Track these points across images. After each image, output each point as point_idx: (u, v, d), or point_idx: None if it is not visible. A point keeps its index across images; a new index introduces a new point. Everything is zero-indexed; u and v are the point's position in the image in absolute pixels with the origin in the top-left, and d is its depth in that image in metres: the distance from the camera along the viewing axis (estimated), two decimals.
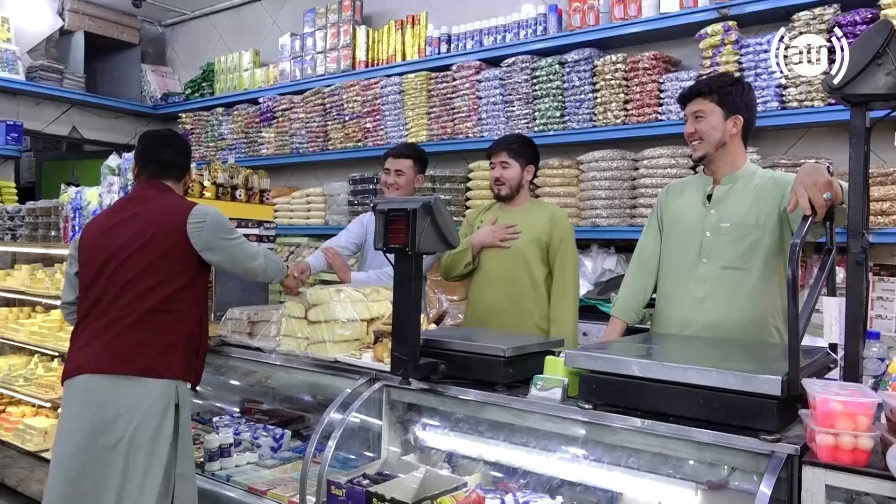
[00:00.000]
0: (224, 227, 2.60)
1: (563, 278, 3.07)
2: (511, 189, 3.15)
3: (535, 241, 3.08)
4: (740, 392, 1.67)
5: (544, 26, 4.20)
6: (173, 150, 2.71)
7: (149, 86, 6.78)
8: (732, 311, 2.40)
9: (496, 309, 3.08)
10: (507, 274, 3.09)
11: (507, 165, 3.14)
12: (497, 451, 2.23)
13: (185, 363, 2.49)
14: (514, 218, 3.16)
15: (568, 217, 3.91)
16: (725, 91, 2.45)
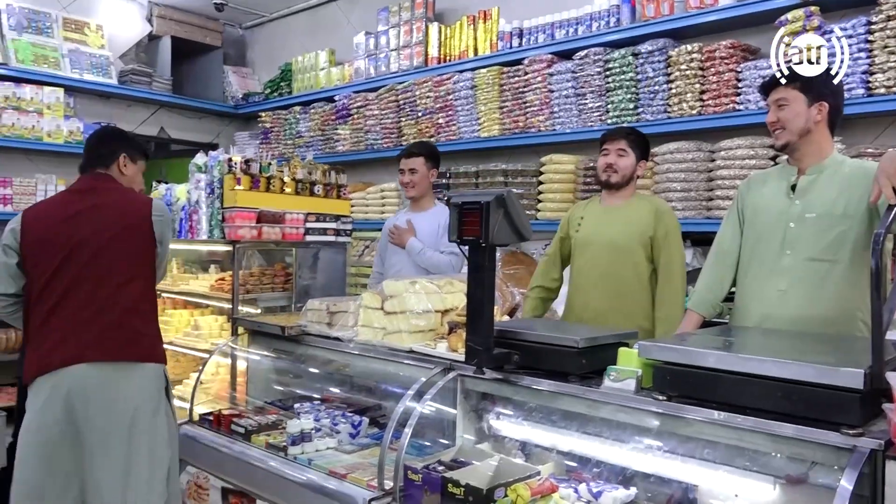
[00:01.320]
0: (170, 219, 2.87)
1: (669, 275, 2.97)
2: (622, 178, 3.07)
3: (639, 235, 2.99)
4: (821, 385, 1.64)
5: (617, 17, 4.15)
6: (104, 143, 2.85)
7: (230, 86, 7.03)
8: (816, 305, 2.34)
9: (594, 308, 3.01)
10: (607, 271, 3.02)
11: (624, 154, 3.07)
12: (570, 441, 2.25)
13: (163, 349, 2.75)
14: (617, 213, 3.08)
15: None
16: (808, 77, 2.38)
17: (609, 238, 3.05)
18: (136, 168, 2.89)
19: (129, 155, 2.84)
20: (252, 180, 3.75)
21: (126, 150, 2.83)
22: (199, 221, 3.73)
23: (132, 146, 2.90)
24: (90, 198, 2.71)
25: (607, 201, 3.16)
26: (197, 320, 4.15)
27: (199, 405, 3.34)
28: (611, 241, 3.04)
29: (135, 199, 2.76)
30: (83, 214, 2.64)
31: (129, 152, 2.84)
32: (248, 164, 3.76)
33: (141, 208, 2.71)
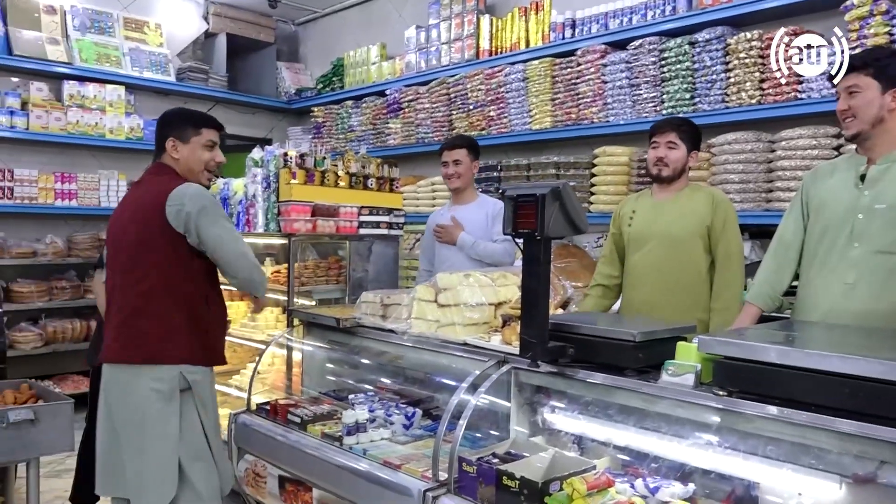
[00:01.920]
0: (201, 206, 2.49)
1: (727, 266, 2.91)
2: (674, 172, 3.01)
3: (696, 226, 2.94)
4: (889, 382, 1.59)
5: (673, 6, 4.08)
6: (157, 131, 2.70)
7: (283, 82, 7.14)
8: (884, 299, 2.26)
9: (651, 302, 2.97)
10: (663, 264, 2.97)
11: (675, 146, 3.00)
12: (626, 436, 2.23)
13: (190, 345, 2.53)
14: (671, 204, 3.03)
15: None
16: (883, 63, 2.29)
17: (665, 231, 2.99)
18: (191, 147, 2.62)
19: (178, 136, 2.61)
20: (307, 174, 3.80)
21: (173, 133, 2.62)
22: (255, 215, 3.81)
23: (181, 124, 2.64)
24: (133, 193, 2.72)
25: (659, 194, 3.09)
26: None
27: (257, 395, 3.41)
28: (667, 234, 2.98)
29: (158, 190, 2.53)
30: (124, 211, 2.65)
31: (176, 134, 2.62)
32: (303, 159, 3.82)
33: (154, 200, 2.50)
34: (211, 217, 2.51)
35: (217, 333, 2.68)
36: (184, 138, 2.62)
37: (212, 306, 2.64)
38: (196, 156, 2.64)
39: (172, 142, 2.62)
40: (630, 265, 3.12)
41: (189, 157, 2.63)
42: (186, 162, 2.63)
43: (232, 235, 2.57)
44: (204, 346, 2.59)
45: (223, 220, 2.56)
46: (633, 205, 3.18)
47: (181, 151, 2.62)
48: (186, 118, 2.68)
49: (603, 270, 3.25)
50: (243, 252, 2.59)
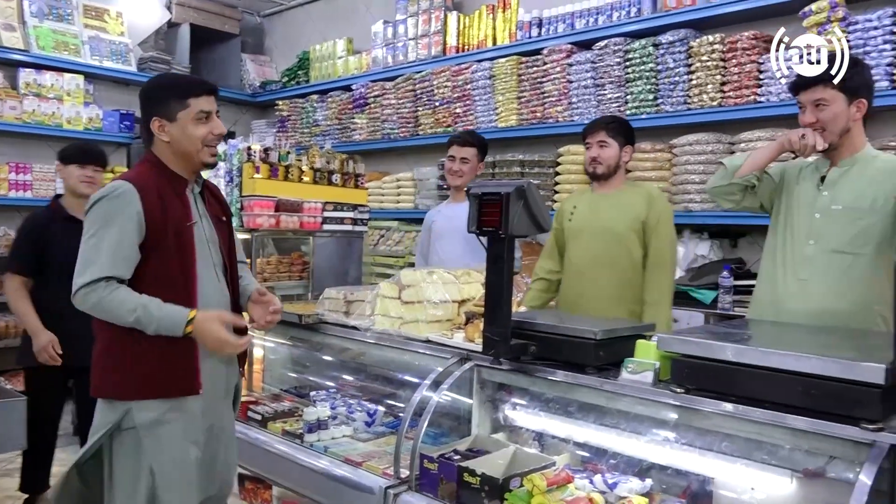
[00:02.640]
0: (90, 210, 2.09)
1: (659, 261, 3.01)
2: (608, 169, 3.10)
3: (632, 221, 3.02)
4: (841, 380, 1.63)
5: (638, 7, 4.12)
6: (141, 111, 2.25)
7: (248, 74, 7.05)
8: (837, 298, 2.32)
9: (588, 295, 3.04)
10: (600, 257, 3.05)
11: (606, 145, 3.09)
12: (586, 433, 2.26)
13: (123, 377, 2.09)
14: (610, 200, 3.11)
15: None
16: (847, 75, 2.31)
17: (603, 224, 3.08)
18: (180, 125, 2.15)
19: (162, 114, 2.16)
20: (271, 169, 3.77)
21: (157, 111, 2.17)
22: None
23: (163, 98, 2.18)
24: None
25: (599, 190, 3.19)
26: None
27: None
28: (605, 228, 3.07)
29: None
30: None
31: (160, 111, 2.16)
32: (267, 153, 3.78)
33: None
34: (87, 226, 2.09)
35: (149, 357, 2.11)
36: (170, 115, 2.16)
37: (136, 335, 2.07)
38: (188, 134, 2.16)
39: (158, 122, 2.16)
40: (568, 259, 3.19)
41: (180, 137, 2.16)
42: (179, 144, 2.17)
43: (82, 250, 2.08)
44: (139, 380, 2.10)
45: (101, 230, 2.06)
46: (574, 201, 3.27)
47: (171, 132, 2.16)
48: (167, 89, 2.20)
49: (545, 265, 3.31)
50: (80, 268, 2.06)
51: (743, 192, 2.58)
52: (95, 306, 2.04)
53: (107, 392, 2.14)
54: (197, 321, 2.07)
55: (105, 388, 2.14)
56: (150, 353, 2.09)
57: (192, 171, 2.25)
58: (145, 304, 2.04)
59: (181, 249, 2.14)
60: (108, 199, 2.08)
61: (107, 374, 2.13)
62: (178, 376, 2.14)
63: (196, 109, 2.17)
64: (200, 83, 2.24)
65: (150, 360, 2.09)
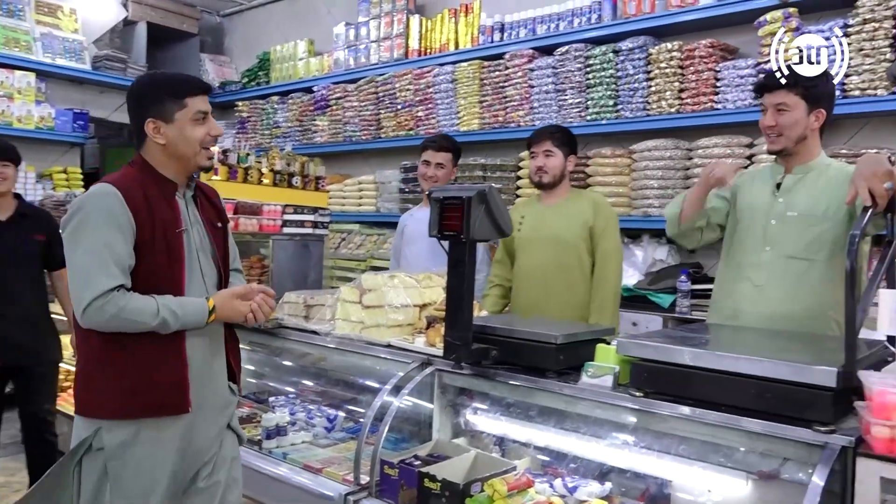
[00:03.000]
0: (69, 220, 1.95)
1: (605, 266, 3.06)
2: (554, 178, 3.14)
3: (581, 228, 3.07)
4: (794, 383, 1.66)
5: (598, 14, 4.17)
6: (131, 111, 2.08)
7: (207, 74, 6.94)
8: (792, 303, 2.37)
9: (539, 302, 3.07)
10: (551, 266, 3.08)
11: (551, 154, 3.13)
12: (547, 437, 2.26)
13: (99, 392, 1.95)
14: (557, 209, 3.15)
15: (619, 206, 3.92)
16: (811, 83, 2.35)
17: (552, 233, 3.11)
18: (177, 126, 2.01)
19: (158, 115, 2.01)
20: (229, 171, 3.71)
21: (151, 111, 2.01)
22: None
23: (158, 97, 2.02)
24: None
25: (545, 200, 3.22)
26: None
27: None
28: (554, 236, 3.10)
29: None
30: None
31: (155, 112, 2.01)
32: (226, 155, 3.72)
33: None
34: (71, 235, 1.94)
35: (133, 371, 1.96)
36: (166, 116, 2.01)
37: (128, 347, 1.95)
38: (187, 135, 2.03)
39: (153, 123, 2.01)
40: (518, 268, 3.22)
41: (177, 139, 2.02)
42: (175, 146, 2.03)
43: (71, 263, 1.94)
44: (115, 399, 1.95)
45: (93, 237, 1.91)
46: (521, 211, 3.29)
47: (167, 134, 2.02)
48: (163, 88, 2.04)
49: (499, 273, 3.35)
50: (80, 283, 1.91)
51: (700, 232, 2.65)
52: (115, 317, 1.87)
53: (79, 406, 2.00)
54: (217, 310, 2.02)
55: (79, 402, 2.01)
56: (135, 366, 1.94)
57: (185, 174, 2.10)
58: (166, 305, 1.93)
59: (169, 259, 2.00)
60: (94, 204, 1.93)
61: (83, 388, 2.00)
62: (163, 393, 1.97)
63: (194, 109, 2.03)
64: (198, 82, 2.11)
65: (133, 374, 1.94)
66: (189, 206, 2.11)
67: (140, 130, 2.04)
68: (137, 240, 1.95)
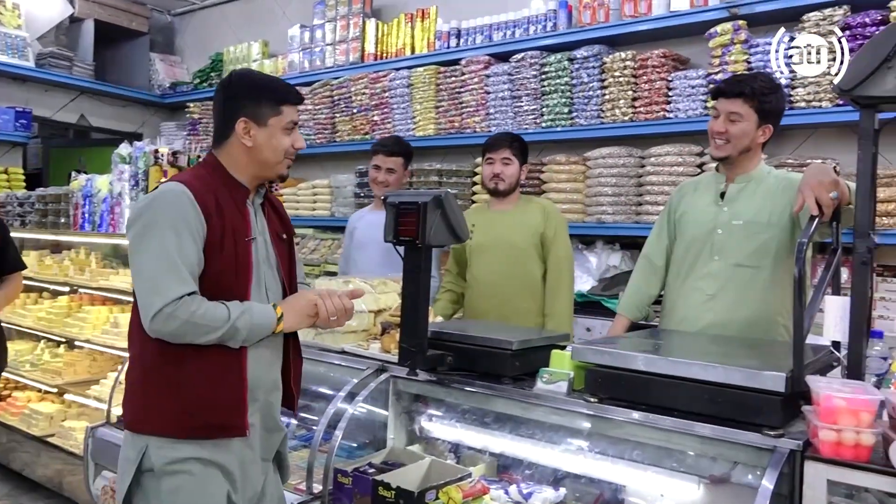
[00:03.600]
0: (135, 219, 1.85)
1: (557, 271, 3.08)
2: (510, 186, 3.14)
3: (532, 235, 3.08)
4: (744, 388, 1.69)
5: (554, 22, 4.20)
6: (218, 109, 1.98)
7: (157, 74, 6.79)
8: (742, 310, 2.41)
9: (494, 309, 3.07)
10: (504, 273, 3.09)
11: (510, 162, 3.13)
12: (502, 443, 2.26)
13: (158, 411, 1.82)
14: (508, 216, 3.16)
15: (573, 213, 3.96)
16: (766, 99, 2.41)
17: (505, 240, 3.12)
18: (269, 132, 1.93)
19: (252, 116, 1.91)
20: (179, 173, 3.62)
21: (246, 111, 1.92)
22: (121, 214, 3.58)
23: (257, 98, 1.93)
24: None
25: (496, 206, 3.23)
26: (116, 317, 3.98)
27: (119, 406, 3.20)
28: (507, 243, 3.11)
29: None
30: None
31: (249, 112, 1.92)
32: (176, 157, 3.63)
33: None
34: (138, 231, 1.83)
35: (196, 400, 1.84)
36: (260, 119, 1.93)
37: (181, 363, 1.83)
38: (274, 143, 1.94)
39: (245, 123, 1.91)
40: (472, 275, 3.22)
41: (265, 144, 1.93)
42: (261, 151, 1.94)
43: (138, 262, 1.83)
44: (175, 414, 1.83)
45: (161, 238, 1.79)
46: (472, 218, 3.25)
47: (256, 137, 1.92)
48: (263, 90, 1.96)
49: (451, 279, 3.35)
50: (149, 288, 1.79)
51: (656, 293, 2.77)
52: (186, 323, 1.75)
53: (129, 420, 1.87)
54: (284, 318, 1.91)
55: (129, 416, 1.88)
56: (194, 382, 1.82)
57: (259, 181, 1.99)
58: (239, 311, 1.81)
59: (236, 268, 1.88)
60: (164, 204, 1.81)
61: (135, 402, 1.87)
62: (222, 413, 1.85)
63: (287, 119, 1.95)
64: (295, 92, 2.01)
65: (190, 391, 1.82)
66: (257, 215, 2.00)
67: (226, 127, 1.94)
68: (205, 244, 1.83)
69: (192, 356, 1.82)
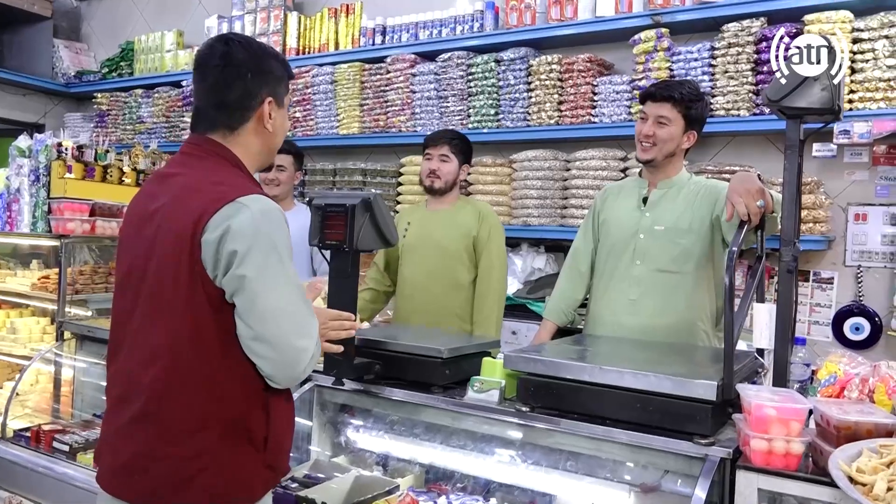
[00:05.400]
0: (265, 244, 1.47)
1: (488, 276, 3.02)
2: (446, 184, 3.07)
3: (464, 238, 3.02)
4: (675, 396, 1.69)
5: (481, 23, 4.18)
6: (242, 77, 1.59)
7: (61, 62, 6.39)
8: (664, 314, 2.44)
9: (423, 310, 3.00)
10: (434, 273, 3.03)
11: (447, 160, 3.06)
12: (431, 454, 2.20)
13: (241, 474, 1.53)
14: (442, 216, 3.09)
15: (499, 215, 3.93)
16: (693, 106, 2.45)
17: (436, 241, 3.06)
18: (283, 113, 1.69)
19: (275, 94, 1.64)
20: (85, 169, 3.39)
21: (269, 88, 1.62)
22: (19, 212, 3.32)
23: (279, 73, 1.66)
24: (170, 186, 1.60)
25: (432, 205, 3.16)
26: (14, 322, 3.69)
27: (15, 420, 2.97)
28: (438, 244, 3.05)
29: (201, 195, 1.51)
30: (156, 214, 1.56)
31: (273, 90, 1.63)
32: (82, 151, 3.40)
33: (193, 212, 1.48)
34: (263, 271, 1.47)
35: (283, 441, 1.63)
36: (279, 98, 1.65)
37: (271, 412, 1.56)
38: (286, 126, 1.72)
39: (270, 103, 1.62)
40: (403, 275, 3.14)
41: (280, 128, 1.68)
42: (275, 137, 1.69)
43: (280, 300, 1.50)
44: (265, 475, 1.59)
45: (282, 265, 1.51)
46: (408, 217, 3.22)
47: (276, 120, 1.65)
48: (283, 64, 1.69)
49: (375, 276, 3.25)
50: (302, 330, 1.54)
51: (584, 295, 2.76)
52: (308, 369, 1.55)
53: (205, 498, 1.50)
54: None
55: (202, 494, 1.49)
56: (278, 426, 1.57)
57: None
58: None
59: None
60: (276, 226, 1.51)
61: (212, 471, 1.49)
62: (287, 456, 1.65)
63: (289, 97, 1.72)
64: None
65: (275, 439, 1.56)
66: None
67: (247, 109, 1.60)
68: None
69: (273, 394, 1.56)
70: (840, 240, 3.36)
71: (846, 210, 3.36)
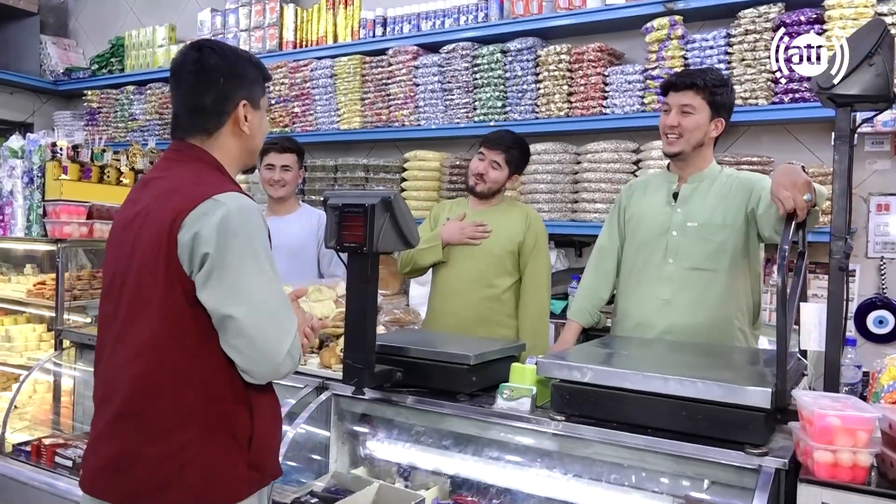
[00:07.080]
0: (239, 238, 1.48)
1: (534, 284, 2.89)
2: (488, 190, 2.95)
3: (509, 242, 2.89)
4: (725, 404, 1.60)
5: (485, 13, 4.06)
6: (214, 81, 1.61)
7: (49, 59, 6.23)
8: (698, 313, 2.34)
9: (460, 315, 2.87)
10: (474, 277, 2.89)
11: (498, 167, 2.92)
12: (457, 464, 2.09)
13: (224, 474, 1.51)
14: (486, 216, 2.95)
15: None
16: (718, 91, 2.34)
17: (479, 245, 2.92)
18: (261, 115, 1.69)
19: (250, 96, 1.65)
20: (81, 169, 3.26)
21: (245, 91, 1.64)
22: (13, 216, 3.19)
23: (254, 76, 1.68)
24: (153, 188, 1.62)
25: (476, 206, 3.03)
26: (9, 330, 3.56)
27: (14, 433, 2.84)
28: (481, 248, 2.91)
29: (182, 194, 1.52)
30: (139, 217, 1.57)
31: (248, 93, 1.65)
32: (77, 151, 3.27)
33: (173, 210, 1.49)
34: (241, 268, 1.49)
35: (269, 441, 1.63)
36: (255, 101, 1.67)
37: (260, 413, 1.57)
38: (264, 128, 1.72)
39: (245, 105, 1.64)
40: (440, 276, 3.01)
41: (258, 130, 1.69)
42: (254, 139, 1.69)
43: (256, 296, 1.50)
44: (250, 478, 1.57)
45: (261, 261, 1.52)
46: (447, 212, 3.09)
47: (252, 123, 1.66)
48: (257, 66, 1.71)
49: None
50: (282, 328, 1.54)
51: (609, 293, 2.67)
52: (293, 368, 1.56)
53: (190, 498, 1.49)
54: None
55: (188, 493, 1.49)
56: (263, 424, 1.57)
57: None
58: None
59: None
60: (253, 224, 1.52)
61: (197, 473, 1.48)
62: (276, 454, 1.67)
63: (265, 99, 1.73)
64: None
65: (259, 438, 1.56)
66: None
67: (222, 113, 1.62)
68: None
69: (258, 391, 1.57)
70: (862, 231, 3.28)
71: (868, 200, 3.27)
